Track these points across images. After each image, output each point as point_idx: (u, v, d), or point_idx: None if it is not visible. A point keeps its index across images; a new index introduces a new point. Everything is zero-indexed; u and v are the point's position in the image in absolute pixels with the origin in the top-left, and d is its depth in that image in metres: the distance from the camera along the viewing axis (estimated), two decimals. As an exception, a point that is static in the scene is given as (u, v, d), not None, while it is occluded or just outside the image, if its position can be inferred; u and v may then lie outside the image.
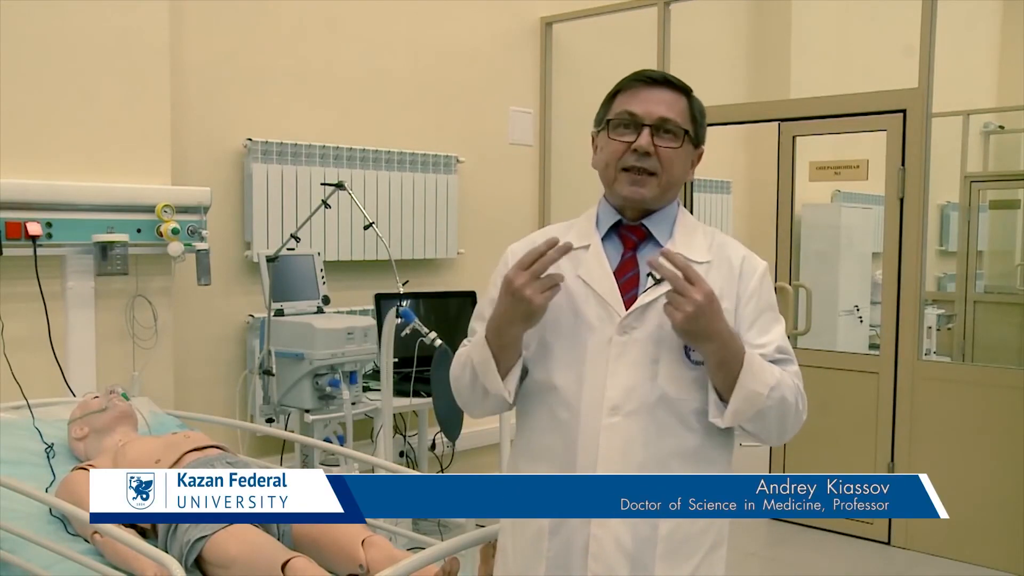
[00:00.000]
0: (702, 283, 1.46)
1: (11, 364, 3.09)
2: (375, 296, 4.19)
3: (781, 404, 1.53)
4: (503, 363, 1.58)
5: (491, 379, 1.59)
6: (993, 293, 6.43)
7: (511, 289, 1.50)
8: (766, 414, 1.53)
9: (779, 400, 1.53)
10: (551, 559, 1.59)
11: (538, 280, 1.50)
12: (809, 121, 4.63)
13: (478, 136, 4.94)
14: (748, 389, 1.50)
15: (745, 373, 1.50)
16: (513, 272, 1.51)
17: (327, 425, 3.64)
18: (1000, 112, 6.97)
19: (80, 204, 3.25)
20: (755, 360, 1.52)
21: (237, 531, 2.27)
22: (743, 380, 1.50)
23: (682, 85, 1.64)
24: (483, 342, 1.59)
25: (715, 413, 1.55)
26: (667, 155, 1.59)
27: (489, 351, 1.57)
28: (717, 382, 1.53)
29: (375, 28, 4.45)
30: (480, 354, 1.59)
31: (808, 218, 5.78)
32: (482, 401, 1.65)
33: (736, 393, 1.51)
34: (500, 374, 1.58)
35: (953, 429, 4.12)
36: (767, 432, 1.57)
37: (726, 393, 1.52)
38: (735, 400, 1.51)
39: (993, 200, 6.39)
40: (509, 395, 1.60)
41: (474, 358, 1.61)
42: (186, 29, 3.76)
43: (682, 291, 1.45)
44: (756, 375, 1.50)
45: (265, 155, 4.02)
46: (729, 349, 1.49)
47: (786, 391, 1.54)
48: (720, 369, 1.51)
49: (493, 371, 1.58)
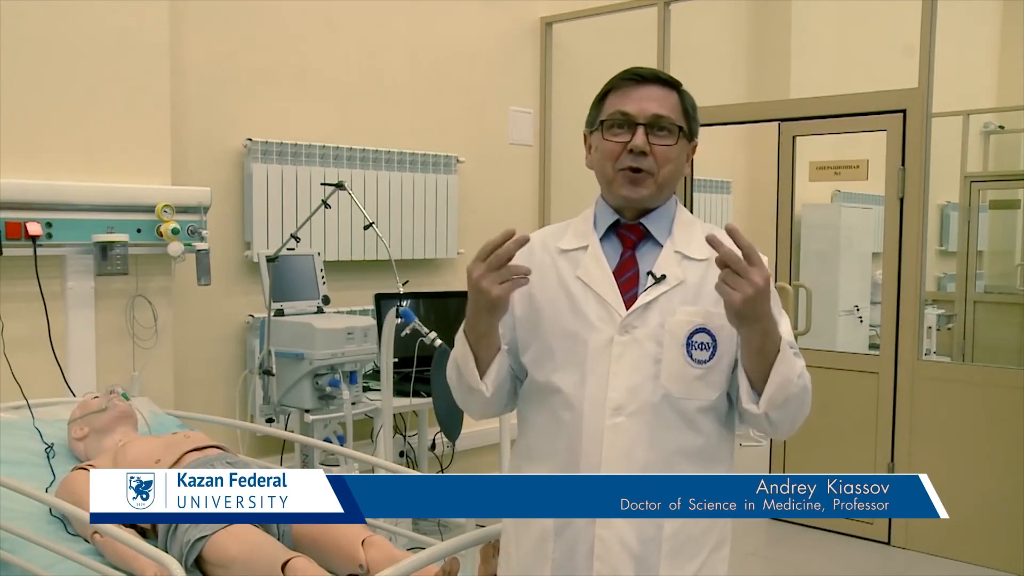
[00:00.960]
0: (763, 266, 1.42)
1: (11, 364, 3.09)
2: (375, 296, 4.19)
3: (803, 392, 1.53)
4: (482, 356, 1.58)
5: (470, 373, 1.59)
6: (993, 293, 6.43)
7: (470, 281, 1.51)
8: (790, 401, 1.52)
9: (802, 388, 1.53)
10: (556, 560, 1.59)
11: (495, 272, 1.48)
12: (809, 121, 4.63)
13: (478, 136, 4.94)
14: (782, 375, 1.49)
15: (780, 358, 1.49)
16: (472, 263, 1.50)
17: (327, 425, 3.64)
18: (1000, 112, 6.96)
19: (80, 204, 3.25)
20: (786, 349, 1.51)
21: (237, 531, 2.27)
22: (778, 366, 1.49)
23: (672, 80, 1.64)
24: (462, 337, 1.60)
25: (748, 400, 1.53)
26: (663, 153, 1.59)
27: (467, 345, 1.58)
28: (752, 367, 1.51)
29: (375, 28, 4.45)
30: (460, 348, 1.60)
31: (808, 218, 5.78)
32: (470, 398, 1.65)
33: (772, 379, 1.49)
34: (479, 369, 1.58)
35: (953, 429, 4.12)
36: (785, 422, 1.55)
37: (759, 379, 1.51)
38: (771, 385, 1.49)
39: (993, 200, 6.39)
40: (487, 389, 1.59)
41: (456, 353, 1.62)
42: (186, 29, 3.76)
43: (743, 272, 1.40)
44: (788, 362, 1.50)
45: (265, 155, 4.02)
46: (770, 335, 1.48)
47: (806, 379, 1.54)
48: (759, 354, 1.49)
49: (471, 365, 1.59)
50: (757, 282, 1.40)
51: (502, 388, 1.64)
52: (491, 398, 1.62)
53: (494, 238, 1.48)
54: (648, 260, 1.62)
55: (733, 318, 1.46)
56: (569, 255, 1.65)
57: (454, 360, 1.64)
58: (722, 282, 1.43)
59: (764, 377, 1.50)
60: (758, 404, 1.52)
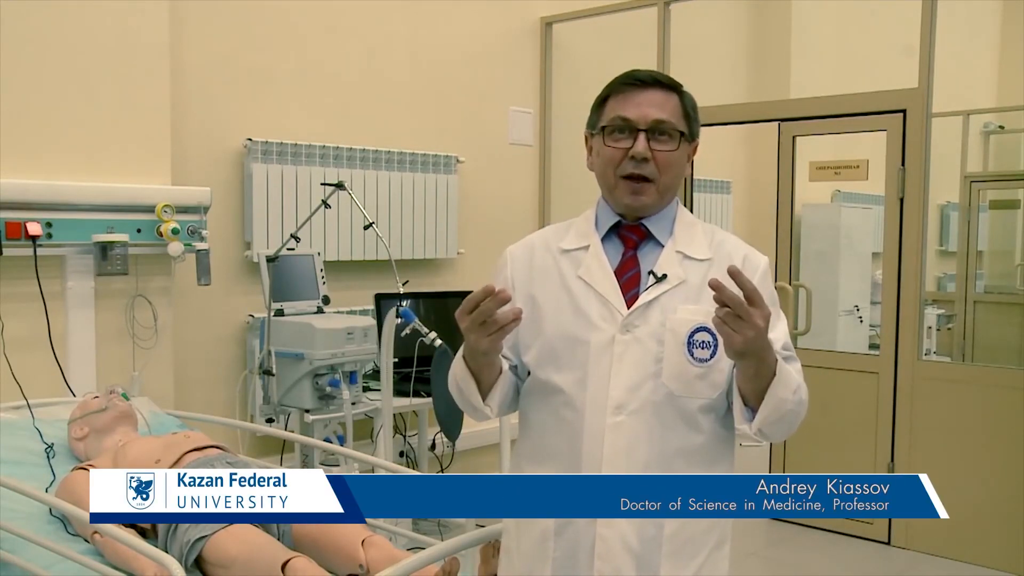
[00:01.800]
0: (763, 306, 1.41)
1: (11, 364, 3.09)
2: (375, 296, 4.19)
3: (799, 406, 1.53)
4: (484, 380, 1.59)
5: (472, 396, 1.61)
6: (993, 293, 6.43)
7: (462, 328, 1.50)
8: (785, 417, 1.52)
9: (798, 403, 1.53)
10: (557, 560, 1.59)
11: (480, 326, 1.46)
12: (809, 121, 4.63)
13: (478, 136, 4.94)
14: (777, 397, 1.49)
15: (776, 382, 1.49)
16: (459, 313, 1.48)
17: (327, 425, 3.64)
18: (1000, 112, 6.96)
19: (80, 204, 3.25)
20: (783, 367, 1.51)
21: (237, 531, 2.27)
22: (774, 388, 1.49)
23: (671, 82, 1.64)
24: (462, 361, 1.60)
25: (741, 420, 1.54)
26: (664, 159, 1.59)
27: (468, 370, 1.59)
28: (747, 390, 1.52)
29: (375, 28, 4.45)
30: (461, 372, 1.61)
31: (808, 218, 5.79)
32: (474, 413, 1.66)
33: (766, 402, 1.50)
34: (482, 391, 1.60)
35: (953, 429, 4.12)
36: (778, 434, 1.57)
37: (754, 399, 1.52)
38: (764, 408, 1.50)
39: (993, 200, 6.39)
40: (491, 411, 1.62)
41: (457, 374, 1.62)
42: (186, 29, 3.76)
43: (746, 316, 1.39)
44: (784, 382, 1.50)
45: (265, 155, 4.02)
46: (766, 362, 1.48)
47: (803, 392, 1.54)
48: (755, 379, 1.49)
49: (472, 387, 1.60)
50: (758, 324, 1.40)
51: (505, 403, 1.65)
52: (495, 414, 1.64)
53: (476, 293, 1.44)
54: (649, 260, 1.62)
55: (733, 355, 1.47)
56: (571, 255, 1.65)
57: (454, 378, 1.64)
58: (722, 322, 1.41)
59: (759, 397, 1.51)
60: (751, 424, 1.53)
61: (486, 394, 1.60)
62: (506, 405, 1.66)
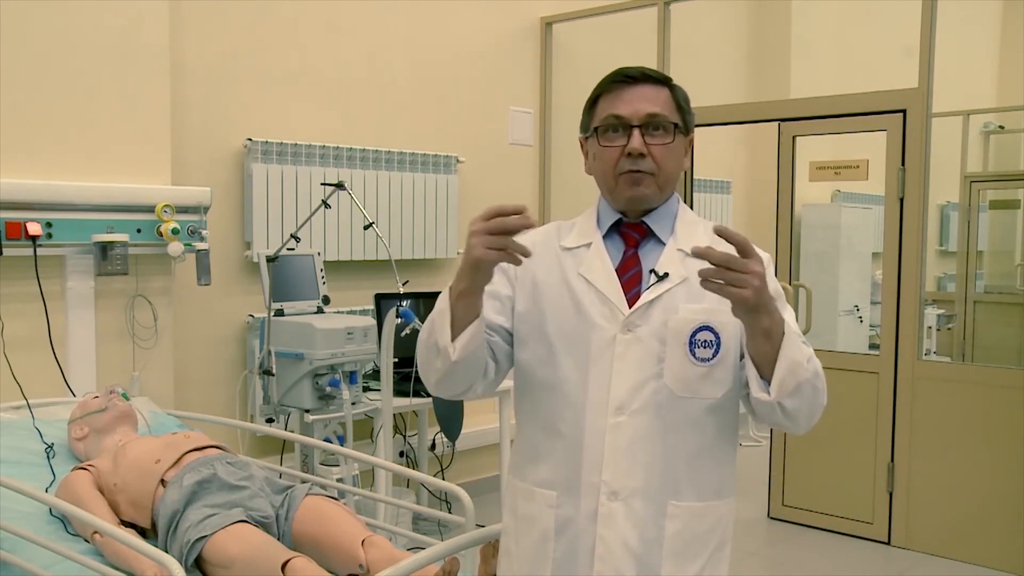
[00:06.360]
0: (757, 254, 1.40)
1: (11, 364, 3.09)
2: (375, 296, 4.19)
3: (816, 377, 1.49)
4: (459, 316, 1.51)
5: (441, 328, 1.52)
6: (993, 293, 6.43)
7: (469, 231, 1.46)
8: (803, 387, 1.48)
9: (814, 372, 1.49)
10: (557, 560, 1.58)
11: (489, 236, 1.43)
12: (809, 121, 4.63)
13: (478, 136, 4.94)
14: (791, 359, 1.45)
15: (787, 342, 1.46)
16: (475, 218, 1.45)
17: (327, 425, 3.64)
18: (1000, 112, 6.96)
19: (80, 204, 3.26)
20: (791, 329, 1.48)
21: (237, 531, 2.27)
22: (785, 349, 1.45)
23: (661, 76, 1.62)
24: (445, 291, 1.54)
25: (759, 388, 1.49)
26: (661, 153, 1.58)
27: (447, 300, 1.52)
28: (759, 353, 1.48)
29: (375, 28, 4.45)
30: (439, 303, 1.54)
31: (808, 218, 5.79)
32: (434, 358, 1.56)
33: (780, 363, 1.45)
34: (452, 330, 1.51)
35: (953, 429, 4.12)
36: (802, 410, 1.51)
37: (767, 366, 1.48)
38: (780, 370, 1.45)
39: (993, 200, 6.39)
40: (454, 352, 1.51)
41: (435, 310, 1.55)
42: (186, 29, 3.76)
43: (743, 268, 1.37)
44: (795, 344, 1.47)
45: (265, 155, 4.02)
46: (774, 317, 1.45)
47: (817, 364, 1.51)
48: (766, 339, 1.45)
49: (446, 319, 1.51)
50: (758, 271, 1.38)
51: (470, 360, 1.55)
52: (456, 365, 1.53)
53: (506, 205, 1.43)
54: (651, 258, 1.61)
55: (743, 313, 1.43)
56: (572, 252, 1.64)
57: (430, 317, 1.56)
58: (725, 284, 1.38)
59: (772, 362, 1.47)
60: (769, 392, 1.48)
61: (456, 334, 1.51)
62: (470, 364, 1.56)
